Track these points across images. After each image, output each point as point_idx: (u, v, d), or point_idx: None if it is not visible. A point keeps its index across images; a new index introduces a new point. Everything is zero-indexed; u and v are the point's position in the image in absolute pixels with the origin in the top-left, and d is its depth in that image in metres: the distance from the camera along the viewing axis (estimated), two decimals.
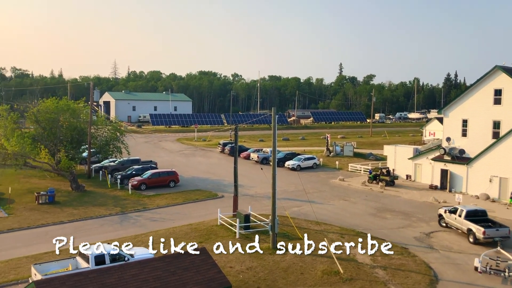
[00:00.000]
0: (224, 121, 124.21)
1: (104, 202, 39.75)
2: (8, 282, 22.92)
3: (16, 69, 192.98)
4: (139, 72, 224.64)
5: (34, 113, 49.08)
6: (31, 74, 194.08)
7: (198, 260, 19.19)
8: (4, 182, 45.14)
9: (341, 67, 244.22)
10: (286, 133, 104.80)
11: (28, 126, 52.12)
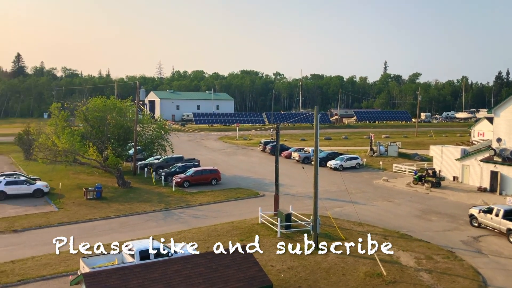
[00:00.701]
0: (265, 120, 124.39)
1: (149, 198, 40.74)
2: (59, 273, 23.91)
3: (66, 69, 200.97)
4: (183, 72, 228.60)
5: (83, 112, 50.91)
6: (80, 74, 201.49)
7: (239, 258, 19.33)
8: (55, 178, 47.09)
9: (386, 65, 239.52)
10: (329, 132, 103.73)
11: (78, 124, 54.13)
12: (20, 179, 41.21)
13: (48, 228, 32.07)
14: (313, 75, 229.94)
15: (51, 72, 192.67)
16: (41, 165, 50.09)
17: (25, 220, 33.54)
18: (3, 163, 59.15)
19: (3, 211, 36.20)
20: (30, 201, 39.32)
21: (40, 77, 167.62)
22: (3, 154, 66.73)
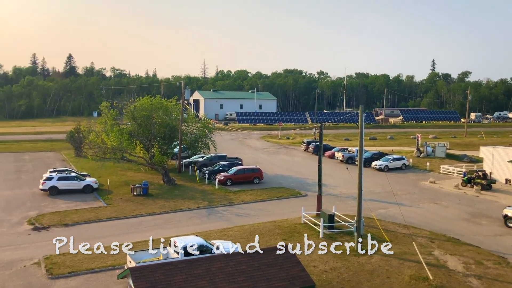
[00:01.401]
0: (308, 119, 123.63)
1: (193, 195, 41.44)
2: (106, 267, 24.76)
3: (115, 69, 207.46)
4: (227, 71, 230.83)
5: (131, 111, 52.40)
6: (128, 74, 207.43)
7: (281, 257, 19.33)
8: (104, 174, 48.75)
9: (434, 63, 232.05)
10: (373, 132, 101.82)
11: (125, 122, 55.75)
12: (71, 175, 42.94)
13: (97, 223, 33.27)
14: (358, 74, 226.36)
15: (101, 72, 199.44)
16: (90, 162, 52.00)
17: (76, 214, 34.93)
18: (55, 160, 61.86)
19: (55, 205, 37.86)
20: (80, 196, 40.90)
21: (90, 77, 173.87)
22: (56, 151, 69.78)
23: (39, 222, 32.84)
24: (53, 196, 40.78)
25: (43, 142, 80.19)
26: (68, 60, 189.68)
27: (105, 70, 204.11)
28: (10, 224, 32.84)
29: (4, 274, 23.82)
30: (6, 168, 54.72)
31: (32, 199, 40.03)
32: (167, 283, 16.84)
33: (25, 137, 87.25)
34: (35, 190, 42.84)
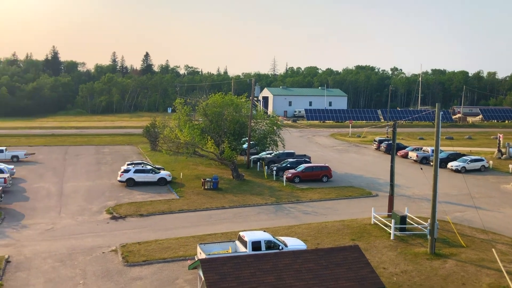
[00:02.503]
0: (380, 117, 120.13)
1: (261, 191, 41.83)
2: (178, 257, 25.69)
3: (188, 67, 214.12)
4: (296, 68, 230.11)
5: (203, 107, 53.87)
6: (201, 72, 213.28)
7: (350, 257, 18.99)
8: (177, 168, 50.56)
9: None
10: (450, 131, 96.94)
11: (197, 118, 57.35)
12: (147, 168, 44.96)
13: (170, 214, 34.61)
14: (434, 70, 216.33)
15: (175, 70, 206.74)
16: (165, 156, 54.13)
17: (150, 206, 36.56)
18: (132, 153, 65.10)
19: (132, 196, 39.86)
20: (154, 188, 42.72)
21: (165, 75, 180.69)
22: (133, 145, 73.41)
23: (117, 212, 34.74)
24: (129, 187, 42.92)
25: (122, 136, 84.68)
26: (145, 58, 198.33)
27: (179, 68, 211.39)
28: (90, 212, 35.06)
29: (85, 259, 25.49)
30: (88, 160, 58.44)
31: (111, 189, 42.42)
32: (235, 276, 17.14)
33: (105, 131, 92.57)
34: (114, 181, 45.34)
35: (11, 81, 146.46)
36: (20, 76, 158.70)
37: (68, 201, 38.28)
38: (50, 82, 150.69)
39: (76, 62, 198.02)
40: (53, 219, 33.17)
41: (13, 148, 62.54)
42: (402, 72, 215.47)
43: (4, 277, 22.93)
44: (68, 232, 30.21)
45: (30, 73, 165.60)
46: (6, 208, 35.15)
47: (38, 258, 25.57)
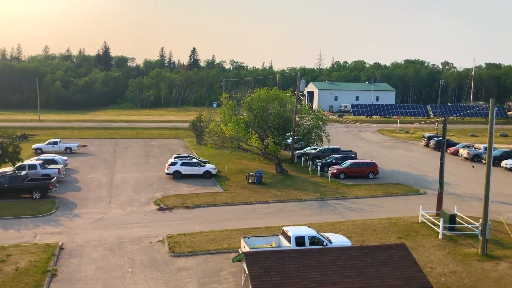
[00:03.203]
0: (430, 112, 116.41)
1: (305, 187, 41.62)
2: (222, 249, 26.03)
3: (234, 62, 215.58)
4: (343, 62, 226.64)
5: (248, 102, 54.13)
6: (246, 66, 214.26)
7: (397, 255, 18.58)
8: (222, 162, 51.16)
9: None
10: (505, 128, 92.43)
11: (242, 113, 57.71)
12: (193, 161, 45.78)
13: (214, 207, 35.12)
14: (488, 64, 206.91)
15: (221, 65, 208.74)
16: (210, 150, 54.89)
17: (196, 198, 37.22)
18: (179, 146, 66.44)
19: (178, 188, 40.71)
20: (200, 181, 43.44)
21: (211, 70, 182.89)
22: (180, 138, 74.89)
23: (164, 203, 35.62)
24: (176, 180, 43.86)
25: (169, 129, 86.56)
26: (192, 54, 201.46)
27: (224, 63, 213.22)
28: (139, 203, 36.12)
29: (133, 249, 26.32)
30: (137, 152, 60.18)
31: (158, 181, 43.50)
32: (279, 270, 17.18)
33: (153, 124, 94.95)
34: (161, 173, 46.47)
35: (65, 76, 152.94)
36: (73, 71, 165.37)
37: (117, 192, 39.62)
38: (102, 77, 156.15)
39: (126, 57, 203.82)
40: (103, 209, 34.45)
41: (66, 140, 65.33)
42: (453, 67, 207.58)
43: (58, 263, 24.06)
44: (118, 222, 31.29)
45: (82, 68, 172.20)
46: (60, 198, 36.84)
47: (89, 246, 26.65)
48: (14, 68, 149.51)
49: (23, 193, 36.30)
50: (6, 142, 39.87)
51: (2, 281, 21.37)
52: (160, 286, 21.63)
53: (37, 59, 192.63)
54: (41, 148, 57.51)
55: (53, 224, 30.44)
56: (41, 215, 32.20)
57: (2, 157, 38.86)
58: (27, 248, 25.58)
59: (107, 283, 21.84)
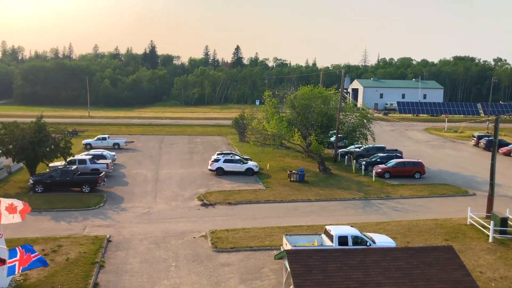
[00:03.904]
0: (480, 111, 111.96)
1: (348, 186, 41.06)
2: (264, 246, 26.11)
3: (277, 59, 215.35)
4: (389, 59, 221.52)
5: (291, 99, 53.89)
6: (289, 64, 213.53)
7: (443, 257, 18.02)
8: (264, 159, 51.28)
9: None
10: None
11: (285, 110, 57.54)
12: (235, 158, 46.16)
13: (256, 204, 35.27)
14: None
15: (264, 62, 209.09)
16: (252, 147, 55.09)
17: (238, 195, 37.51)
18: (222, 143, 67.16)
19: (221, 185, 41.17)
20: (242, 178, 43.73)
21: (254, 67, 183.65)
22: (222, 135, 75.69)
23: (207, 199, 36.13)
24: (219, 176, 44.36)
25: (212, 127, 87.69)
26: (235, 52, 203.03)
27: (268, 60, 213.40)
28: (183, 198, 36.82)
29: (177, 243, 26.87)
30: (182, 149, 61.33)
31: (202, 177, 44.16)
32: (321, 269, 17.05)
33: (197, 121, 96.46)
34: (204, 169, 47.13)
35: (114, 74, 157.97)
36: (121, 69, 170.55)
37: (163, 187, 40.54)
38: (148, 75, 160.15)
39: (172, 56, 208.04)
40: (149, 203, 35.36)
41: (114, 136, 67.42)
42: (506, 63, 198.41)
43: (106, 255, 24.92)
44: (163, 216, 32.04)
45: (130, 66, 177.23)
46: (108, 192, 38.11)
47: (135, 239, 27.43)
48: (66, 66, 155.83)
49: (74, 186, 37.82)
50: (58, 137, 41.60)
51: (54, 270, 22.37)
52: (203, 281, 21.98)
53: (87, 58, 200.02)
54: (91, 143, 59.70)
55: (101, 217, 31.55)
56: (90, 208, 33.44)
57: (54, 152, 40.55)
58: (77, 240, 26.65)
59: (152, 276, 22.42)
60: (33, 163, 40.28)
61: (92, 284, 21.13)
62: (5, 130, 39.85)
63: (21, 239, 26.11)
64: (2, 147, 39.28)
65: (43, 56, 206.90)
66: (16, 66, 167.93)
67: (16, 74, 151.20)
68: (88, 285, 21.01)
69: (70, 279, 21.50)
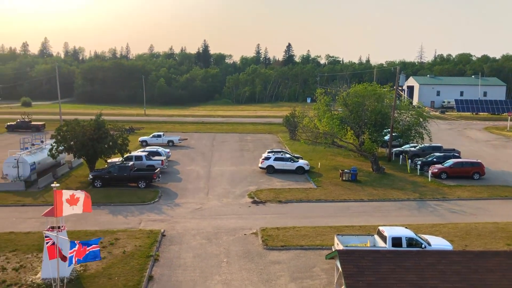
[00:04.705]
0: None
1: (403, 186, 39.94)
2: (315, 245, 25.90)
3: (329, 56, 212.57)
4: (446, 55, 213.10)
5: (343, 97, 53.12)
6: (342, 61, 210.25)
7: (505, 263, 17.13)
8: (315, 158, 50.87)
9: None
10: None
11: (337, 108, 56.79)
12: (286, 157, 46.08)
13: (307, 203, 35.05)
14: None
15: (316, 60, 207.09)
16: (303, 145, 54.84)
17: (288, 193, 37.44)
18: (272, 141, 67.29)
19: (271, 183, 41.25)
20: (292, 176, 43.59)
21: (306, 65, 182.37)
22: (273, 133, 75.80)
23: (258, 197, 36.32)
24: (269, 174, 44.47)
25: (263, 125, 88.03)
26: (287, 49, 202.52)
27: (320, 58, 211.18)
28: (234, 195, 37.24)
29: (228, 239, 27.22)
30: (233, 147, 62.03)
31: (252, 175, 44.45)
32: (374, 270, 16.70)
33: (248, 120, 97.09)
34: (255, 167, 47.41)
35: (168, 73, 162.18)
36: (175, 68, 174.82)
37: (214, 183, 41.19)
38: (201, 74, 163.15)
39: (224, 55, 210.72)
40: (201, 199, 36.05)
41: (169, 134, 69.25)
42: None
43: (160, 249, 25.66)
44: (214, 213, 32.57)
45: (184, 65, 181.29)
46: (162, 187, 39.19)
47: (188, 234, 28.06)
48: (123, 66, 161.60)
49: (130, 182, 39.21)
50: (116, 134, 43.25)
51: (112, 262, 23.30)
52: (254, 277, 22.13)
53: (143, 58, 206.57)
54: (146, 140, 61.64)
55: (156, 212, 32.51)
56: (146, 203, 34.54)
57: (112, 148, 42.19)
58: (133, 233, 27.61)
59: (204, 271, 22.85)
60: (93, 159, 42.11)
61: (147, 277, 21.83)
62: (67, 127, 41.90)
63: (81, 232, 27.42)
64: (64, 143, 41.34)
65: (102, 56, 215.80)
66: (77, 66, 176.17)
67: (77, 74, 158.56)
68: (143, 277, 21.72)
69: (126, 271, 22.31)
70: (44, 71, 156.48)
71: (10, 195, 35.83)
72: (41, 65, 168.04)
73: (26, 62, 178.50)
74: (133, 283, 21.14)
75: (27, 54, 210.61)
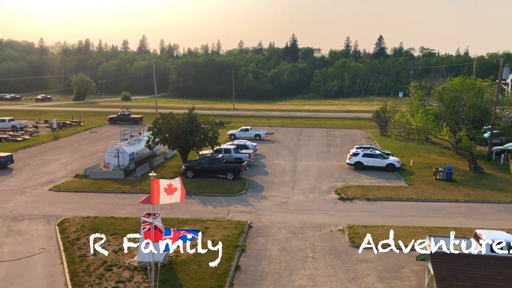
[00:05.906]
0: None
1: (504, 187, 37.01)
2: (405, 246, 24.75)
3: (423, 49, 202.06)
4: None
5: (439, 91, 50.30)
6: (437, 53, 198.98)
7: None
8: (406, 155, 48.80)
9: None
10: None
11: (431, 103, 53.95)
12: (375, 153, 44.72)
13: (397, 202, 33.78)
14: None
15: (409, 52, 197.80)
16: (394, 141, 52.86)
17: (377, 191, 36.33)
18: (361, 137, 65.67)
19: (359, 180, 40.31)
20: (382, 174, 42.23)
21: (398, 58, 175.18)
22: (362, 129, 73.95)
23: (345, 193, 35.70)
24: (357, 170, 43.48)
25: (351, 120, 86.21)
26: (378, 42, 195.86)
27: (413, 50, 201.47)
28: (320, 191, 36.94)
29: (314, 235, 27.09)
30: (319, 142, 61.52)
31: (339, 171, 43.76)
32: (469, 275, 15.70)
33: (336, 114, 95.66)
34: (342, 163, 46.61)
35: (256, 68, 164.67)
36: (263, 63, 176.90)
37: (300, 178, 41.18)
38: (289, 68, 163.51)
39: (312, 49, 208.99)
40: (287, 193, 36.24)
41: (256, 128, 70.41)
42: None
43: (247, 240, 26.24)
44: (300, 207, 32.57)
45: (272, 60, 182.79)
46: (250, 180, 40.00)
47: (274, 227, 28.38)
48: (214, 62, 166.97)
49: (219, 173, 40.51)
50: (207, 128, 44.89)
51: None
52: (340, 274, 21.84)
53: (233, 53, 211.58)
54: (235, 134, 63.25)
55: (243, 204, 33.29)
56: (234, 194, 35.50)
57: (203, 141, 43.86)
58: (221, 223, 28.53)
59: (289, 264, 22.99)
60: (185, 150, 44.10)
61: (234, 266, 22.46)
62: (163, 120, 44.27)
63: (174, 219, 28.89)
64: (160, 135, 43.76)
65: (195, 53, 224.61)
66: (172, 62, 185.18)
67: (172, 70, 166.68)
68: (231, 267, 22.37)
69: (215, 260, 23.08)
70: (142, 67, 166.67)
71: (111, 183, 38.73)
72: (140, 61, 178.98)
73: (126, 59, 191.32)
74: (221, 271, 21.86)
75: (127, 51, 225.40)
